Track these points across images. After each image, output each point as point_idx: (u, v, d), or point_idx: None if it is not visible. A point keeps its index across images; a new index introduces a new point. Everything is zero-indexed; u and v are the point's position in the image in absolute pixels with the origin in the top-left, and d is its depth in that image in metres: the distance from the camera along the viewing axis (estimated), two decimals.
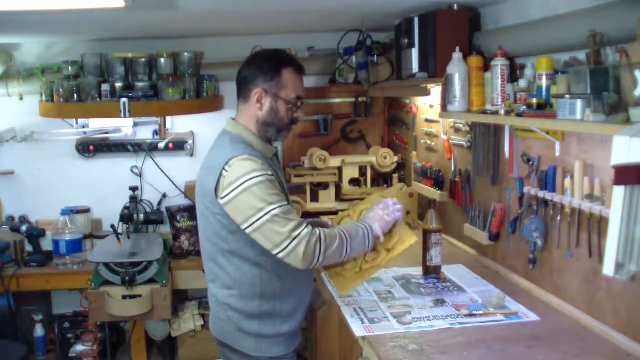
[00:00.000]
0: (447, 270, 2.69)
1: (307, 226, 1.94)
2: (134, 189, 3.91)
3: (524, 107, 2.10)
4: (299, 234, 1.91)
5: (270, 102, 2.06)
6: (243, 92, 2.11)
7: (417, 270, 2.72)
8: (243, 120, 2.11)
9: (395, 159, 3.82)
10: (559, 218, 2.24)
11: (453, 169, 3.13)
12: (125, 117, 3.43)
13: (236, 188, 1.92)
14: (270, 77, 2.05)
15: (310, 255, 1.92)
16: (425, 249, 2.66)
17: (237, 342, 2.09)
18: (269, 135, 2.11)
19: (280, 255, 1.93)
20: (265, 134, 2.10)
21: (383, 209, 2.16)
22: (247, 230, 1.94)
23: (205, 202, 2.04)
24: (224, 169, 1.95)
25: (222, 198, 1.95)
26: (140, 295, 3.28)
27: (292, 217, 1.93)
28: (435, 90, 3.10)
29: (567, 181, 2.15)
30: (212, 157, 2.07)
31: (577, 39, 1.93)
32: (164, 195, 4.12)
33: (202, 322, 3.68)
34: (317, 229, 1.96)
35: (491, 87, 2.39)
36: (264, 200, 1.91)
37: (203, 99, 3.65)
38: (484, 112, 2.40)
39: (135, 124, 4.05)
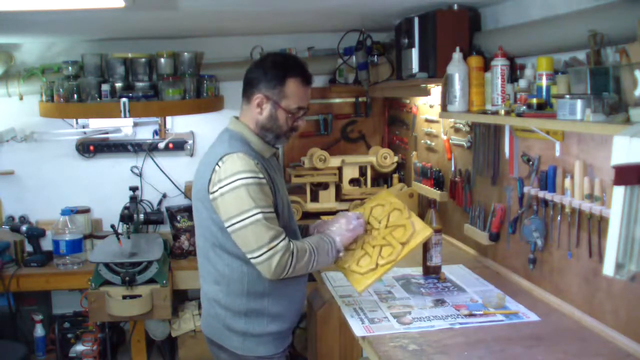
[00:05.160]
0: (447, 270, 2.69)
1: (284, 238, 1.96)
2: (134, 189, 3.91)
3: (524, 107, 2.10)
4: (276, 245, 1.93)
5: (270, 109, 2.06)
6: (246, 93, 2.11)
7: (417, 270, 2.72)
8: (245, 119, 2.12)
9: (395, 159, 3.82)
10: (559, 218, 2.24)
11: (453, 169, 3.13)
12: (125, 117, 3.43)
13: (225, 185, 1.93)
14: (273, 85, 2.04)
15: (281, 268, 1.94)
16: (425, 249, 2.66)
17: (225, 340, 2.09)
18: (267, 140, 2.11)
19: (253, 261, 1.95)
20: (263, 137, 2.10)
21: (346, 223, 2.19)
22: (228, 230, 1.95)
23: (199, 197, 2.05)
24: (217, 164, 1.96)
25: (211, 193, 1.97)
26: (140, 295, 3.28)
27: (273, 226, 1.94)
28: (435, 90, 3.10)
29: (567, 181, 2.15)
30: (209, 153, 2.09)
31: (577, 39, 1.93)
32: (164, 195, 4.12)
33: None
34: (291, 243, 1.97)
35: (491, 87, 2.39)
36: (249, 203, 1.91)
37: (203, 99, 3.66)
38: (484, 112, 2.40)
39: (135, 124, 4.05)
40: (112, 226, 3.53)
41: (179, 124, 4.13)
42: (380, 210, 2.32)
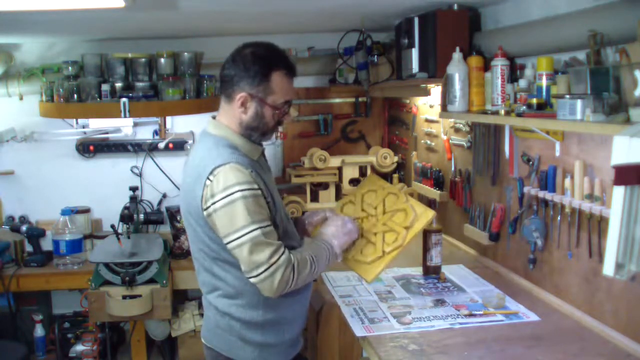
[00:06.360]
0: (447, 270, 2.69)
1: (284, 252, 1.84)
2: (134, 189, 3.91)
3: (524, 107, 2.10)
4: (277, 261, 1.81)
5: (256, 107, 1.91)
6: (226, 91, 1.94)
7: (417, 270, 2.73)
8: (225, 120, 1.96)
9: (395, 159, 3.82)
10: (559, 218, 2.24)
11: (453, 169, 3.13)
12: (125, 117, 3.42)
13: (219, 200, 1.80)
14: (257, 82, 1.89)
15: (283, 284, 1.83)
16: (425, 249, 2.67)
17: (238, 352, 1.98)
18: (252, 139, 1.97)
19: (253, 280, 1.83)
20: (248, 137, 1.96)
21: (341, 226, 2.09)
22: (227, 246, 1.84)
23: (190, 211, 1.92)
24: (208, 178, 1.82)
25: (205, 209, 1.83)
26: (140, 295, 3.28)
27: (271, 241, 1.82)
28: (435, 90, 3.10)
29: (567, 181, 2.15)
30: (196, 162, 1.92)
31: (577, 39, 1.93)
32: (164, 195, 4.12)
33: (202, 322, 3.67)
34: (292, 255, 1.86)
35: (491, 87, 2.39)
36: (246, 219, 1.79)
37: (203, 99, 3.65)
38: (484, 112, 2.40)
39: (135, 124, 4.05)
40: (112, 226, 3.53)
41: (179, 124, 4.13)
42: (373, 196, 2.26)
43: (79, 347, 3.70)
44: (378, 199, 2.25)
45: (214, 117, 2.02)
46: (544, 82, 2.09)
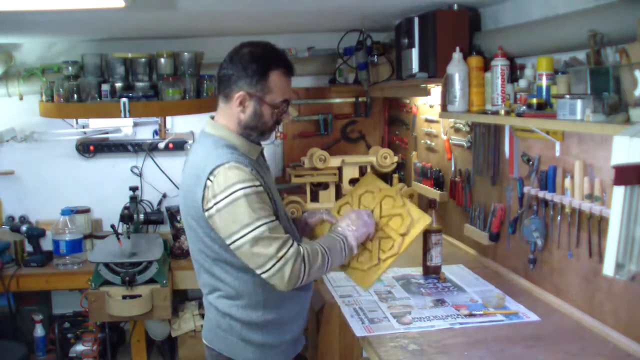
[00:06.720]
0: (447, 270, 2.69)
1: (292, 244, 1.83)
2: (134, 189, 3.91)
3: (524, 107, 2.10)
4: (285, 254, 1.80)
5: (254, 106, 1.91)
6: (224, 90, 1.94)
7: (417, 270, 2.73)
8: (224, 119, 1.96)
9: (395, 159, 3.82)
10: (559, 218, 2.24)
11: (453, 169, 3.13)
12: (125, 117, 3.42)
13: (221, 200, 1.79)
14: (255, 81, 1.88)
15: (295, 277, 1.82)
16: (425, 249, 2.67)
17: (239, 353, 1.98)
18: (251, 139, 1.97)
19: (264, 276, 1.82)
20: (247, 137, 1.95)
21: (356, 218, 2.07)
22: (231, 246, 1.82)
23: (190, 213, 1.90)
24: (208, 178, 1.81)
25: (206, 210, 1.82)
26: (140, 295, 3.28)
27: (278, 235, 1.81)
28: (435, 90, 3.11)
29: (567, 181, 2.15)
30: (195, 163, 1.91)
31: (577, 39, 1.93)
32: (164, 195, 4.12)
33: (202, 322, 3.67)
34: (301, 247, 1.85)
35: (491, 87, 2.39)
36: (250, 216, 1.78)
37: (203, 99, 3.65)
38: (484, 112, 2.40)
39: (135, 124, 4.05)
40: (112, 226, 3.53)
41: (179, 124, 4.13)
42: (370, 198, 2.24)
43: (79, 347, 3.70)
44: (375, 201, 2.23)
45: (212, 117, 2.02)
46: (544, 82, 2.09)
